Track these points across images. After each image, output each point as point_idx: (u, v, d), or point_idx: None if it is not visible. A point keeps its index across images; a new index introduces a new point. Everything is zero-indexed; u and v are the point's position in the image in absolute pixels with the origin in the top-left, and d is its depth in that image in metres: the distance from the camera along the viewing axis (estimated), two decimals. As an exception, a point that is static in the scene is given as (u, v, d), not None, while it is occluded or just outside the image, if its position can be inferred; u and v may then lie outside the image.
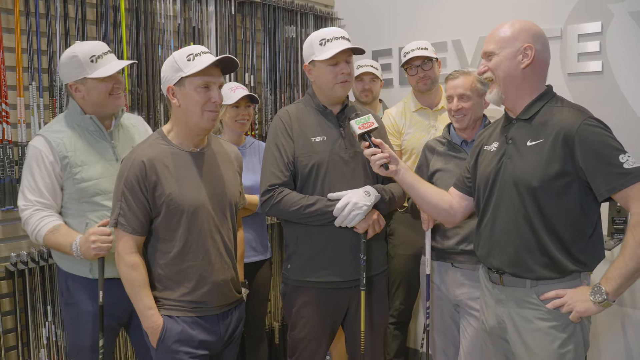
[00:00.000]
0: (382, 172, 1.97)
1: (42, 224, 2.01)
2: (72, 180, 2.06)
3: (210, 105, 1.87)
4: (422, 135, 2.93)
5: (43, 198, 2.04)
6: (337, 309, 2.21)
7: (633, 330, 2.72)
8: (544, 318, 1.76)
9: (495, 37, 1.82)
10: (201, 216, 1.90)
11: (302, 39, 3.59)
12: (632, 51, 2.65)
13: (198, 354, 1.90)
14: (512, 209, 1.78)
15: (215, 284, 1.93)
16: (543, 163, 1.71)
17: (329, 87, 2.15)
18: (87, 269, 2.10)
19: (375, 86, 3.16)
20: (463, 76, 2.31)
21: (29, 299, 2.44)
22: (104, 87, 2.07)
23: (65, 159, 2.05)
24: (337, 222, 2.06)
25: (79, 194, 2.07)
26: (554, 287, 1.74)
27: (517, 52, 1.77)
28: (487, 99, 1.89)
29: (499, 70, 1.80)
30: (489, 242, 1.88)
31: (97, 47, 2.09)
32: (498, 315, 1.89)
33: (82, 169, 2.06)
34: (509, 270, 1.81)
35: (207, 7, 3.07)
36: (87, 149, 2.09)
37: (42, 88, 2.45)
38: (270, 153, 2.14)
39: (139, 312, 1.89)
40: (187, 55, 1.85)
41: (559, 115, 1.74)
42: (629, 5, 2.64)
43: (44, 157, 2.03)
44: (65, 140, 2.06)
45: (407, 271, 3.02)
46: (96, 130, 2.13)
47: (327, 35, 2.12)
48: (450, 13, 3.32)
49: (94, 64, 2.05)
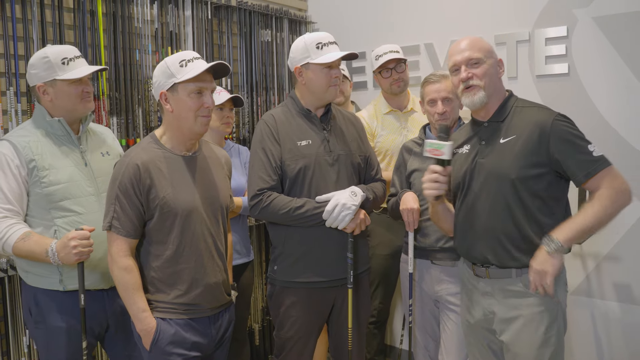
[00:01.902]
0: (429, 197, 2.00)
1: (11, 232, 1.94)
2: (39, 184, 2.00)
3: (203, 110, 1.90)
4: (394, 137, 3.00)
5: (10, 204, 1.97)
6: (324, 307, 2.26)
7: (602, 320, 2.85)
8: (531, 304, 1.89)
9: (479, 46, 1.97)
10: (194, 219, 1.92)
11: (277, 42, 3.63)
12: (595, 54, 2.78)
13: (191, 356, 1.92)
14: (493, 202, 1.91)
15: (207, 286, 1.95)
16: (518, 156, 1.87)
17: (322, 90, 2.19)
18: (56, 280, 2.03)
19: (345, 87, 3.22)
20: (443, 80, 2.37)
21: (9, 307, 2.40)
22: (73, 90, 2.05)
23: (32, 162, 1.99)
24: (328, 223, 2.11)
25: (46, 199, 2.01)
26: None
27: (495, 62, 1.99)
28: (471, 101, 1.96)
29: (487, 77, 1.95)
30: (471, 237, 1.98)
31: (69, 50, 2.07)
32: (485, 307, 1.98)
33: (49, 172, 2.01)
34: (495, 261, 1.92)
35: (183, 12, 3.08)
36: (55, 153, 2.04)
37: (19, 93, 2.41)
38: (258, 157, 2.17)
39: (133, 315, 1.89)
40: (180, 61, 1.87)
41: (529, 114, 1.93)
42: (592, 11, 2.77)
43: (9, 162, 1.97)
44: (31, 144, 2.00)
45: (385, 271, 3.09)
46: (64, 135, 2.09)
47: (323, 40, 2.18)
48: (422, 17, 3.40)
49: (65, 66, 2.03)
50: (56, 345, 2.06)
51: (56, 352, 2.06)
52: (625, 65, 2.71)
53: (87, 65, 2.11)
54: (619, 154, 2.71)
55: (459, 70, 1.95)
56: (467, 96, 1.95)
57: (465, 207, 2.00)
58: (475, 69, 1.93)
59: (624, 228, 2.74)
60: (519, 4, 3.00)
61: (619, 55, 2.72)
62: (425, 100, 2.43)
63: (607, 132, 2.76)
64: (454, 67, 1.98)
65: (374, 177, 2.36)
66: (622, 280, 2.78)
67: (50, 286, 2.04)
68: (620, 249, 2.77)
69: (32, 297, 2.07)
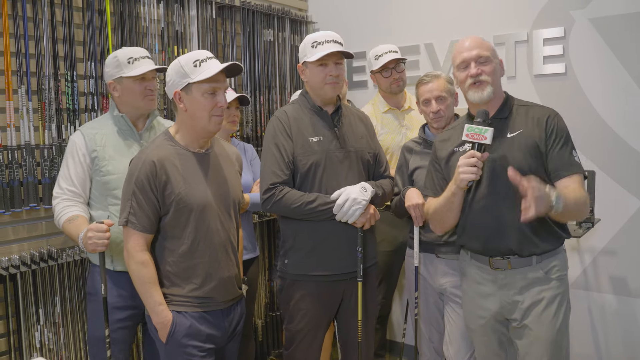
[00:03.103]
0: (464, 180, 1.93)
1: (64, 213, 2.17)
2: (98, 173, 2.23)
3: (217, 110, 1.94)
4: (394, 136, 3.06)
5: (74, 187, 2.22)
6: (334, 300, 2.31)
7: (599, 312, 2.94)
8: (549, 288, 2.00)
9: (486, 45, 2.06)
10: (208, 214, 1.96)
11: (279, 42, 3.68)
12: (592, 54, 2.87)
13: (206, 348, 1.97)
14: (510, 195, 1.92)
15: (221, 280, 2.00)
16: (529, 148, 1.97)
17: (319, 87, 2.25)
18: (109, 260, 2.23)
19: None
20: (435, 79, 2.45)
21: (21, 303, 2.43)
22: (137, 86, 2.25)
23: (94, 152, 2.23)
24: (338, 217, 2.17)
25: (104, 186, 2.23)
26: (553, 259, 2.02)
27: (499, 63, 2.09)
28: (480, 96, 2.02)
29: (494, 74, 2.04)
30: (489, 232, 2.02)
31: (136, 51, 2.29)
32: (502, 299, 2.05)
33: (108, 162, 2.23)
34: (518, 251, 1.99)
35: (189, 11, 3.12)
36: (116, 145, 2.26)
37: (30, 91, 2.44)
38: (270, 152, 2.22)
39: (149, 308, 1.94)
40: (194, 61, 1.91)
41: (531, 111, 2.05)
42: (589, 12, 2.86)
43: (78, 150, 2.23)
44: (97, 137, 2.24)
45: (388, 267, 3.15)
46: (128, 130, 2.30)
47: (320, 39, 2.22)
48: (422, 17, 3.47)
49: (130, 65, 2.25)
50: (100, 318, 2.17)
51: (99, 324, 2.20)
52: (620, 65, 2.79)
53: (151, 64, 2.29)
54: (616, 152, 2.82)
55: (469, 66, 2.01)
56: (476, 91, 2.01)
57: (477, 203, 2.04)
58: (485, 66, 2.00)
59: (620, 222, 2.82)
60: (517, 5, 3.08)
61: (614, 56, 2.80)
62: (420, 101, 2.50)
63: (604, 131, 2.85)
64: (463, 64, 2.03)
65: (383, 174, 2.42)
66: (618, 273, 2.87)
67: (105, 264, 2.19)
68: (616, 243, 2.86)
69: (91, 271, 2.32)
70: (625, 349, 2.87)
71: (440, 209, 2.12)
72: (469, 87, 2.02)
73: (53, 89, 2.49)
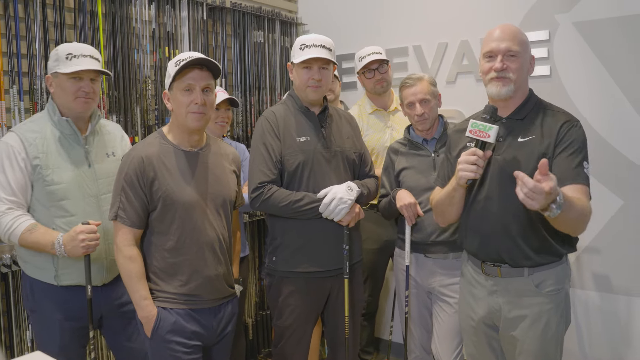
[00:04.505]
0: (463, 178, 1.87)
1: (18, 223, 2.00)
2: (41, 182, 2.05)
3: (192, 106, 1.96)
4: (380, 136, 3.10)
5: (15, 197, 2.02)
6: (321, 296, 2.35)
7: (582, 309, 3.00)
8: (541, 302, 1.91)
9: (519, 39, 1.90)
10: (196, 212, 1.99)
11: (269, 43, 3.71)
12: (575, 57, 2.93)
13: (190, 345, 1.99)
14: (508, 202, 1.84)
15: (207, 278, 2.02)
16: (536, 157, 1.83)
17: (301, 89, 2.31)
18: (51, 275, 2.10)
19: (335, 86, 3.32)
20: (419, 82, 2.48)
21: (12, 302, 2.45)
22: (70, 85, 2.07)
23: (36, 159, 2.04)
24: (324, 215, 2.22)
25: (47, 197, 2.06)
26: (548, 272, 1.91)
27: (528, 59, 1.94)
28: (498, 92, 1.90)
29: (520, 71, 1.90)
30: (483, 235, 1.96)
31: (79, 48, 2.10)
32: (491, 305, 1.99)
33: (52, 171, 2.06)
34: (509, 260, 1.91)
35: (180, 12, 3.15)
36: (60, 152, 2.09)
37: (22, 91, 2.47)
38: (259, 152, 2.26)
39: (135, 302, 1.97)
40: (176, 61, 1.96)
41: (551, 116, 1.92)
42: (573, 16, 2.92)
43: (17, 154, 2.01)
44: (38, 142, 2.05)
45: (373, 265, 3.19)
46: (71, 134, 2.13)
47: (308, 42, 2.27)
48: (410, 19, 3.52)
49: (67, 61, 2.06)
50: (49, 336, 2.14)
51: (49, 342, 2.13)
52: (603, 68, 2.85)
53: (90, 64, 2.09)
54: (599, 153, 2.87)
55: (494, 58, 1.89)
56: (495, 85, 1.89)
57: (478, 204, 1.97)
58: (512, 62, 1.88)
59: (603, 221, 2.88)
60: (503, 8, 3.14)
61: (597, 59, 2.87)
62: (404, 104, 2.53)
63: (587, 131, 2.77)
64: (489, 54, 1.91)
65: (368, 173, 2.47)
66: (601, 270, 2.93)
67: (46, 279, 2.11)
68: (599, 241, 2.92)
69: (29, 286, 2.14)
70: (609, 346, 2.93)
71: (441, 202, 2.07)
72: (490, 80, 1.91)
73: (45, 89, 2.52)
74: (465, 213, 2.03)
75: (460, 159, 1.87)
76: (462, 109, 3.30)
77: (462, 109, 3.30)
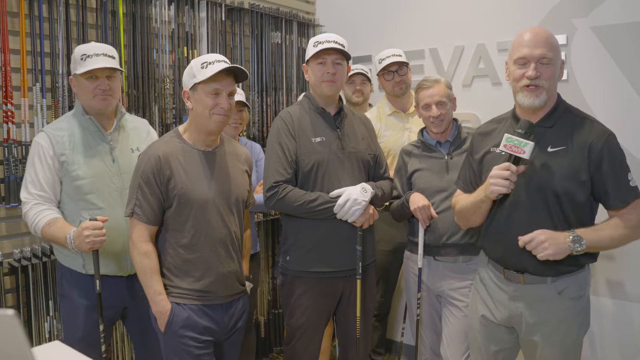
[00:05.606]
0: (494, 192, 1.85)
1: (41, 217, 2.10)
2: (68, 177, 2.16)
3: (217, 109, 2.01)
4: (397, 138, 3.12)
5: (43, 192, 2.14)
6: (333, 296, 2.37)
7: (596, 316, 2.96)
8: (564, 309, 1.91)
9: (553, 44, 1.83)
10: (210, 210, 2.04)
11: (286, 44, 3.75)
12: (593, 61, 2.91)
13: (203, 340, 2.03)
14: (535, 212, 1.85)
15: (220, 275, 2.06)
16: (567, 171, 1.81)
17: (317, 85, 2.33)
18: (80, 264, 2.21)
19: (365, 88, 3.35)
20: (435, 85, 2.48)
21: (32, 294, 2.51)
22: (88, 84, 2.16)
23: (63, 156, 2.15)
24: (339, 216, 2.24)
25: (74, 191, 2.16)
26: (571, 279, 1.91)
27: (560, 64, 1.89)
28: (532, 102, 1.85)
29: (553, 79, 1.85)
30: (507, 243, 1.93)
31: (93, 47, 2.18)
32: (512, 310, 1.98)
33: (78, 167, 2.16)
34: (533, 270, 1.90)
35: (199, 13, 3.19)
36: (85, 149, 2.19)
37: (45, 89, 2.52)
38: (274, 152, 2.29)
39: (149, 298, 2.01)
40: (202, 63, 2.00)
41: (581, 126, 1.86)
42: (591, 21, 2.91)
43: (45, 152, 2.14)
44: (65, 139, 2.16)
45: (386, 266, 3.21)
46: (96, 131, 2.22)
47: (321, 39, 2.31)
48: (427, 22, 3.52)
49: (82, 61, 2.15)
50: (74, 321, 2.23)
51: (74, 326, 2.23)
52: (620, 73, 2.83)
53: (103, 63, 2.15)
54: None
55: (527, 65, 1.82)
56: (529, 96, 1.84)
57: (503, 211, 1.94)
58: (546, 70, 1.81)
59: (618, 228, 2.86)
60: (521, 12, 3.13)
61: (615, 64, 2.85)
62: (420, 105, 2.53)
63: None
64: (522, 60, 1.84)
65: (382, 175, 2.48)
66: (615, 277, 2.91)
67: (76, 268, 2.22)
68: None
69: (61, 274, 2.28)
70: (622, 353, 2.91)
71: (466, 209, 2.05)
72: (522, 88, 1.84)
73: (67, 87, 2.58)
74: (489, 218, 2.01)
75: (492, 173, 1.83)
76: (478, 112, 3.30)
77: (478, 112, 3.30)
